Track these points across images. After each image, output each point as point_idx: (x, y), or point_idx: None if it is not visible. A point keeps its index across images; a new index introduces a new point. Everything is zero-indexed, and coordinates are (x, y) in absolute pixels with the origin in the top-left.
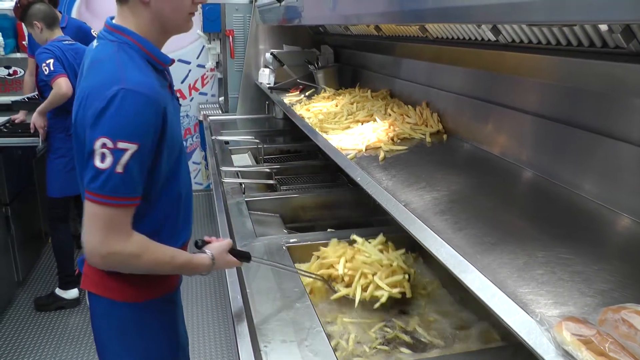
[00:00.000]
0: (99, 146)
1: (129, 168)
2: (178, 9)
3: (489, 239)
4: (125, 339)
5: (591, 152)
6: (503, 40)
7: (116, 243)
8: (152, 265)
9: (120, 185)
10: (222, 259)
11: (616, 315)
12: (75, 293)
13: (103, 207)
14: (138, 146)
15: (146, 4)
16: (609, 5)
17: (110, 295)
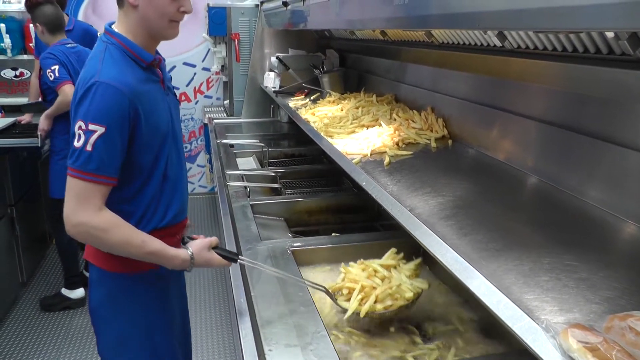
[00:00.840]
0: (76, 128)
1: (97, 147)
2: (162, 14)
3: (494, 245)
4: (113, 308)
5: (596, 158)
6: (509, 46)
7: (84, 214)
8: (120, 243)
9: (88, 161)
10: (202, 256)
11: (623, 323)
12: (81, 293)
13: (75, 180)
14: (105, 129)
15: (135, 7)
16: (616, 13)
17: (102, 265)
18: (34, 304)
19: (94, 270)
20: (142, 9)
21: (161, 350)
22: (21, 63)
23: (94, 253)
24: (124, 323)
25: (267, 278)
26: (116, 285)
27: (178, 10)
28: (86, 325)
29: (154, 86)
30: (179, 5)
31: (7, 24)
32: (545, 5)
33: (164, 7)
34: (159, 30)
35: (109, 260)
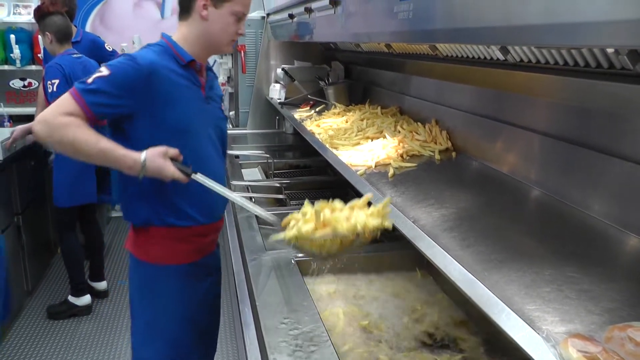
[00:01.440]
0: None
1: (95, 82)
2: (225, 31)
3: (496, 257)
4: (144, 295)
5: (599, 171)
6: (511, 60)
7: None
8: (80, 144)
9: (82, 87)
10: (155, 161)
11: (622, 333)
12: (87, 300)
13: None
14: (110, 73)
15: (205, 20)
16: (615, 31)
17: (136, 253)
18: (39, 312)
19: (132, 259)
20: (210, 23)
21: (183, 342)
22: (30, 73)
23: (133, 242)
24: (151, 311)
25: (271, 289)
26: (148, 275)
27: (237, 32)
28: (92, 333)
29: (189, 86)
30: (238, 28)
31: (16, 35)
32: (546, 22)
33: (228, 26)
34: (219, 44)
35: (146, 251)
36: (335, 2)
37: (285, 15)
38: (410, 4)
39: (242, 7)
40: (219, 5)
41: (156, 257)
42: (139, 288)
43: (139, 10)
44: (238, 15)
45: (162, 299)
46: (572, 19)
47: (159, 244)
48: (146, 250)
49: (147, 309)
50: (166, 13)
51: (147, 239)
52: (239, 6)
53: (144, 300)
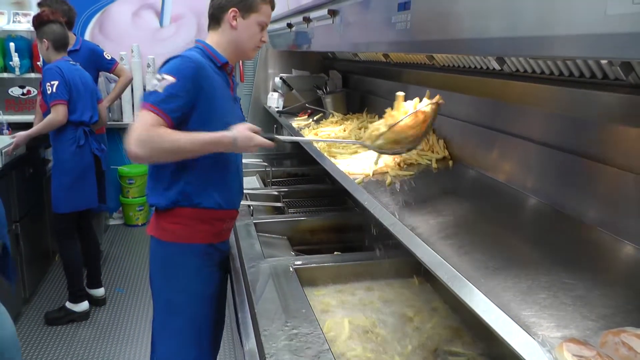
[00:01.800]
0: (154, 80)
1: (166, 90)
2: (251, 39)
3: (493, 264)
4: (165, 275)
5: (594, 180)
6: (508, 70)
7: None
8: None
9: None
10: (244, 134)
11: (616, 338)
12: (85, 306)
13: (144, 111)
14: (176, 79)
15: (234, 29)
16: (607, 43)
17: (158, 235)
18: (37, 320)
19: (153, 241)
20: (238, 31)
21: (203, 321)
22: (29, 81)
23: (156, 226)
24: (172, 288)
25: (269, 296)
26: (168, 254)
27: (261, 39)
28: (90, 340)
29: (224, 85)
30: (262, 35)
31: (16, 43)
32: (541, 34)
33: (254, 35)
34: (245, 50)
35: (169, 232)
36: (334, 12)
37: (284, 24)
38: (408, 14)
39: (266, 17)
40: (246, 16)
41: (179, 236)
42: (161, 268)
43: (137, 19)
44: (262, 25)
45: (183, 276)
46: (565, 31)
47: (182, 223)
48: (170, 230)
49: (168, 287)
50: (165, 22)
51: (172, 219)
52: (263, 17)
53: (164, 279)
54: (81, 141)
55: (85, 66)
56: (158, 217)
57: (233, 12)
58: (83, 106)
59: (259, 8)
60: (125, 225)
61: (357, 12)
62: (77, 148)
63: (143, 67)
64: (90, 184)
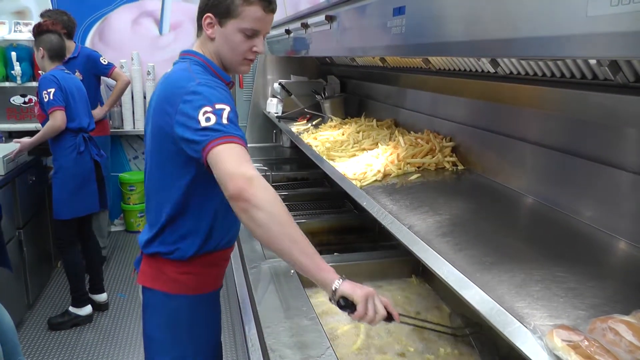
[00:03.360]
0: (201, 115)
1: (231, 120)
2: (234, 51)
3: (488, 259)
4: (176, 330)
5: (587, 178)
6: (502, 72)
7: (253, 171)
8: (291, 224)
9: (229, 130)
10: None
11: (603, 325)
12: (89, 310)
13: (227, 144)
14: (230, 108)
15: (212, 39)
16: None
17: (166, 288)
18: (40, 325)
19: (153, 295)
20: (217, 42)
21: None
22: (30, 90)
23: (155, 277)
24: (184, 346)
25: (272, 304)
26: (177, 308)
27: (250, 49)
28: (93, 345)
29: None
30: (252, 44)
31: (17, 52)
32: (529, 36)
33: (237, 46)
34: (232, 64)
35: (177, 284)
36: (331, 18)
37: (282, 30)
38: (403, 19)
39: (251, 23)
40: (223, 23)
41: (190, 287)
42: (169, 325)
43: (137, 27)
44: (246, 32)
45: (198, 331)
46: (554, 32)
47: (194, 272)
48: (180, 282)
49: (179, 345)
50: (164, 30)
51: (183, 268)
52: (246, 23)
53: (172, 334)
54: (81, 147)
55: (84, 72)
56: (161, 266)
57: (208, 19)
58: (81, 113)
59: (239, 12)
60: (126, 231)
61: (354, 17)
62: (78, 154)
63: (143, 75)
64: (91, 190)
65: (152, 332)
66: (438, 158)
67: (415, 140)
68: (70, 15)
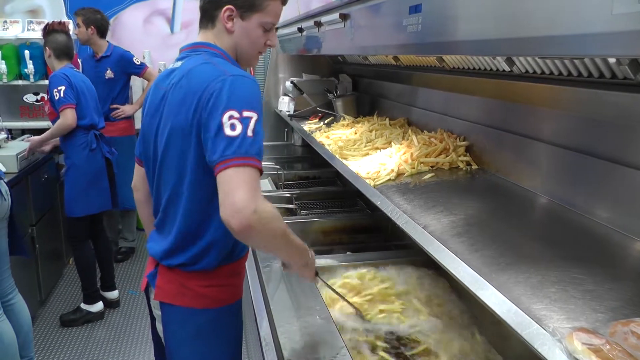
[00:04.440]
0: (227, 119)
1: (257, 132)
2: (253, 45)
3: (504, 260)
4: (200, 344)
5: (604, 178)
6: (517, 71)
7: (260, 201)
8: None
9: (251, 146)
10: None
11: (625, 328)
12: (100, 306)
13: (241, 168)
14: (258, 115)
15: (231, 32)
16: (612, 41)
17: (189, 303)
18: (52, 321)
19: (175, 311)
20: (237, 36)
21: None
22: (42, 88)
23: (176, 294)
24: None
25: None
26: (204, 322)
27: (265, 43)
28: (104, 341)
29: None
30: (267, 38)
31: (30, 51)
32: (549, 34)
33: (257, 39)
34: (248, 57)
35: (200, 299)
36: (345, 16)
37: (295, 29)
38: (420, 17)
39: (273, 17)
40: (246, 17)
41: (220, 300)
42: (196, 338)
43: (149, 25)
44: (267, 26)
45: (226, 342)
46: (571, 31)
47: (223, 285)
48: (206, 296)
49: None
50: (176, 28)
51: (207, 281)
52: (269, 16)
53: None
54: (93, 145)
55: (115, 71)
56: (185, 280)
57: (228, 11)
58: (91, 111)
59: (265, 6)
60: (137, 229)
61: (368, 15)
62: (90, 152)
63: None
64: (103, 187)
65: (174, 346)
66: (452, 157)
67: (429, 139)
68: (103, 14)
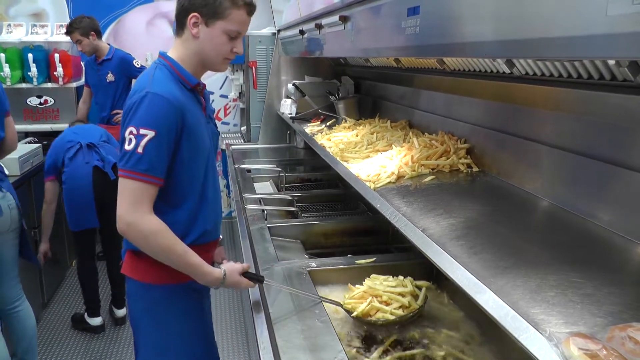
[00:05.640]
0: (127, 134)
1: (147, 149)
2: (217, 51)
3: (502, 263)
4: (153, 318)
5: (604, 181)
6: (517, 73)
7: (136, 215)
8: (164, 249)
9: (139, 162)
10: (233, 277)
11: (622, 333)
12: (98, 321)
13: (127, 180)
14: (155, 133)
15: (196, 38)
16: (609, 43)
17: (142, 278)
18: (54, 324)
19: (132, 284)
20: (201, 42)
21: (191, 357)
22: (46, 91)
23: (133, 267)
24: (163, 333)
25: (284, 297)
26: (155, 297)
27: (231, 50)
28: (104, 349)
29: (197, 109)
30: (233, 46)
31: (34, 54)
32: (546, 36)
33: (221, 46)
34: (213, 63)
35: (149, 273)
36: (345, 18)
37: (296, 31)
38: (418, 19)
39: (236, 25)
40: (210, 23)
41: (163, 277)
42: (147, 312)
43: (152, 28)
44: (232, 34)
45: (175, 320)
46: (568, 32)
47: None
48: (151, 272)
49: (157, 330)
50: None
51: (157, 262)
52: (233, 25)
53: (152, 322)
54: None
55: (116, 74)
56: (135, 257)
57: (194, 18)
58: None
59: (227, 14)
60: None
61: (368, 18)
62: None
63: None
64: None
65: (135, 318)
66: (452, 160)
67: (430, 141)
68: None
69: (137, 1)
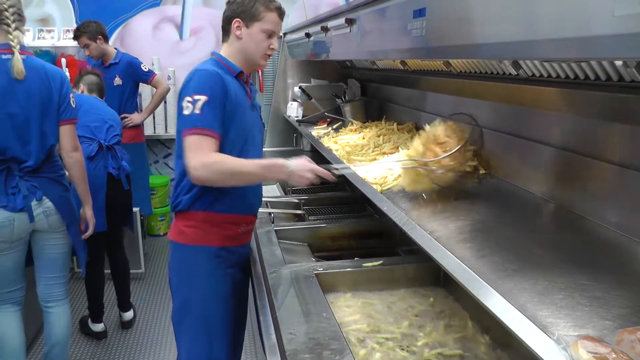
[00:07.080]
0: (184, 103)
1: (203, 110)
2: (257, 46)
3: (510, 266)
4: (180, 275)
5: (615, 184)
6: (523, 75)
7: (201, 156)
8: (237, 167)
9: (198, 120)
10: (301, 161)
11: (632, 336)
12: (100, 328)
13: (191, 137)
14: (207, 97)
15: (240, 39)
16: (615, 45)
17: (175, 238)
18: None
19: (172, 245)
20: (244, 41)
21: (215, 320)
22: None
23: (173, 230)
24: (187, 290)
25: (291, 300)
26: (183, 256)
27: (269, 47)
28: (107, 357)
29: (241, 92)
30: (270, 43)
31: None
32: (553, 37)
33: (260, 42)
34: (254, 59)
35: (180, 234)
36: (351, 21)
37: (302, 34)
38: (424, 21)
39: (272, 25)
40: (250, 25)
41: (193, 238)
42: (177, 269)
43: (158, 32)
44: (267, 32)
45: (196, 277)
46: (576, 34)
47: (196, 226)
48: (185, 233)
49: (183, 288)
50: (185, 35)
51: (187, 222)
52: (268, 24)
53: (180, 279)
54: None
55: (124, 78)
56: (176, 220)
57: (237, 23)
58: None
59: (262, 16)
60: (147, 235)
61: (374, 20)
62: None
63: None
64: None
65: (170, 275)
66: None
67: None
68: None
69: (143, 5)
